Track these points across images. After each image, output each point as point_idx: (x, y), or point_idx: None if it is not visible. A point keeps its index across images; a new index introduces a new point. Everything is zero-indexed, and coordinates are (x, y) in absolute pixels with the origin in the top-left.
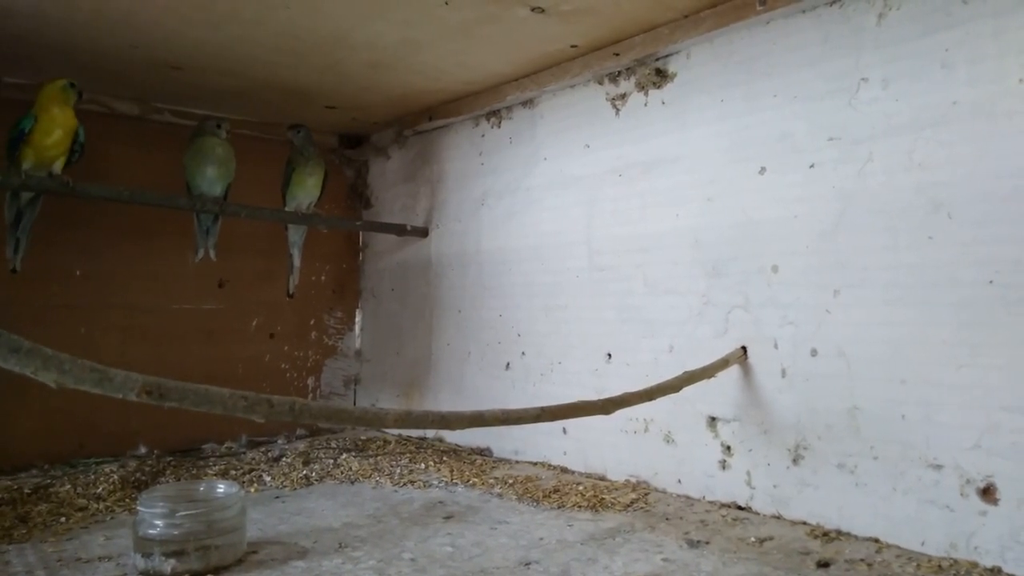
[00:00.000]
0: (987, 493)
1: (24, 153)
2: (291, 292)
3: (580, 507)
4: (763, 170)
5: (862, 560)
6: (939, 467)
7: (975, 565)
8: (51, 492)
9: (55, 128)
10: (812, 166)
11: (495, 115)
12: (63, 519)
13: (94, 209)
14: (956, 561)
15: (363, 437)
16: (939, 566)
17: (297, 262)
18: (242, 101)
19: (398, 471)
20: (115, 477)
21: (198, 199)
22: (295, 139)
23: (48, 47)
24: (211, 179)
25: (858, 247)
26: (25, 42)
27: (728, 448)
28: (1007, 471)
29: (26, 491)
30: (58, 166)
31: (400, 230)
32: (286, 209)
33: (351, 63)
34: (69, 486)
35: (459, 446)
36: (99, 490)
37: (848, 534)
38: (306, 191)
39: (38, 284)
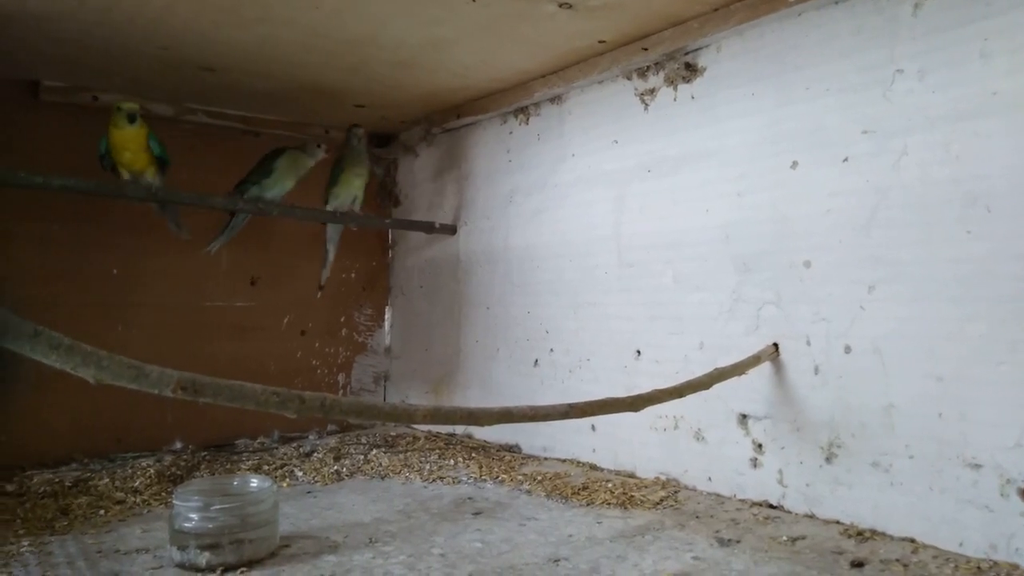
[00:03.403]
0: None
1: (117, 166)
2: (322, 284)
3: (609, 504)
4: (795, 164)
5: (897, 560)
6: (978, 466)
7: (1016, 567)
8: (90, 485)
9: (124, 150)
10: (846, 160)
11: (523, 112)
12: (102, 512)
13: (130, 209)
14: (996, 563)
15: (393, 433)
16: (978, 567)
17: (331, 256)
18: (273, 101)
19: (427, 467)
20: (151, 471)
21: (247, 201)
22: (352, 139)
23: (85, 50)
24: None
25: (893, 242)
26: (64, 46)
27: (759, 446)
28: None
29: (67, 484)
30: (150, 174)
31: (429, 227)
32: (328, 207)
33: (380, 62)
34: (108, 480)
35: (488, 442)
36: (136, 484)
37: (883, 534)
38: (351, 191)
39: (77, 283)
